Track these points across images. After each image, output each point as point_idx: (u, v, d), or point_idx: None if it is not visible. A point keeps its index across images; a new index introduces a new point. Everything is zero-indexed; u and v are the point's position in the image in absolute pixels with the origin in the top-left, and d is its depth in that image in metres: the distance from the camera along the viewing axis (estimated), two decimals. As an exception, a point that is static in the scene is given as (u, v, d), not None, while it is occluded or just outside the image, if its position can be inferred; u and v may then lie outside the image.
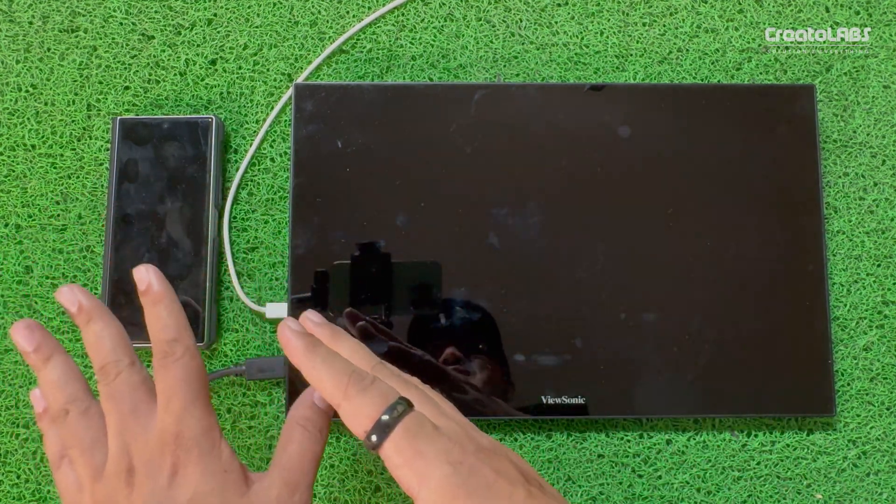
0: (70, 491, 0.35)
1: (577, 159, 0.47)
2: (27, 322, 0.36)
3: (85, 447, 0.35)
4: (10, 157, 0.49)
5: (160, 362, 0.35)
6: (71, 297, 0.36)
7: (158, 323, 0.35)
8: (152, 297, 0.36)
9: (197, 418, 0.34)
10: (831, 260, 0.48)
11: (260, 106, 0.49)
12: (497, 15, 0.51)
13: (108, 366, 0.35)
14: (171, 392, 0.34)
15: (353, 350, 0.36)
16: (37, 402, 0.37)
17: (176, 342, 0.35)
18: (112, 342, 0.35)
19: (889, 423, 0.47)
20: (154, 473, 0.33)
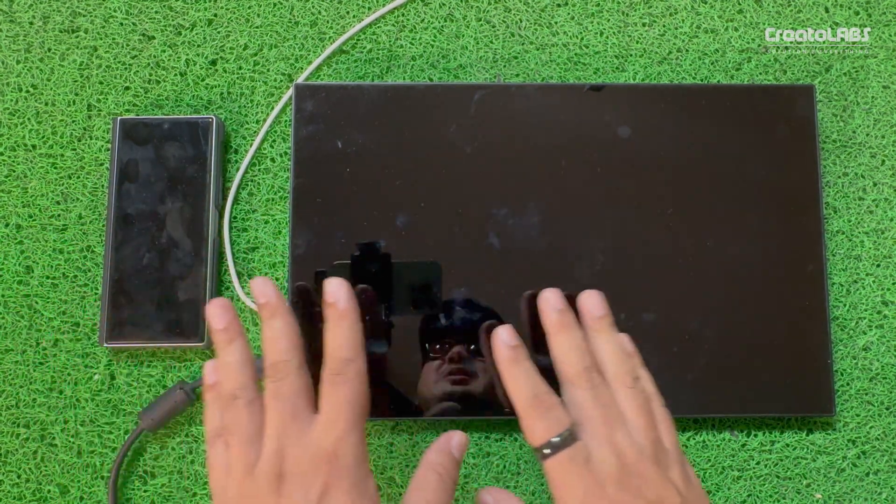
0: (220, 471, 0.36)
1: (577, 159, 0.47)
2: (223, 302, 0.37)
3: (243, 438, 0.35)
4: (10, 157, 0.49)
5: (331, 378, 0.36)
6: (263, 290, 0.37)
7: (338, 340, 0.36)
8: (339, 313, 0.37)
9: (354, 445, 0.35)
10: (831, 260, 0.48)
11: (260, 106, 0.49)
12: (497, 15, 0.51)
13: (279, 364, 0.36)
14: (336, 412, 0.35)
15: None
16: (208, 374, 0.38)
17: (351, 363, 0.36)
18: (288, 341, 0.36)
19: (888, 423, 0.47)
20: (305, 488, 0.34)
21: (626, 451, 0.35)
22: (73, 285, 0.47)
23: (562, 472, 0.35)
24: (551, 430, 0.35)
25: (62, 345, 0.47)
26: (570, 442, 0.35)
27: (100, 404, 0.46)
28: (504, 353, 0.37)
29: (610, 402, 0.37)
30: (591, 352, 0.38)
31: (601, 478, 0.34)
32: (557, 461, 0.35)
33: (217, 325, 0.37)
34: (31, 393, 0.47)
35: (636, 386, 0.37)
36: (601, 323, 0.39)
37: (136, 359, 0.47)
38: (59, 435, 0.46)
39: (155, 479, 0.46)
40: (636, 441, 0.36)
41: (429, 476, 0.36)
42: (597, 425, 0.36)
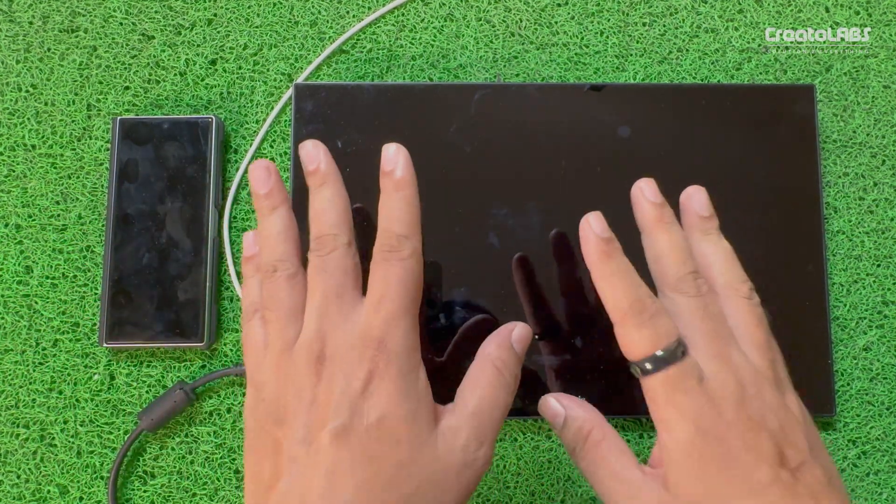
0: (256, 347, 0.33)
1: (577, 159, 0.47)
2: (266, 164, 0.34)
3: (282, 314, 0.32)
4: (10, 157, 0.49)
5: (382, 255, 0.32)
6: (314, 155, 0.34)
7: (393, 213, 0.32)
8: (395, 183, 0.33)
9: (404, 331, 0.31)
10: (831, 260, 0.48)
11: (260, 106, 0.49)
12: (497, 15, 0.51)
13: (326, 237, 0.32)
14: (386, 291, 0.31)
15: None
16: (248, 246, 0.35)
17: (406, 239, 0.32)
18: (337, 215, 0.33)
19: (889, 423, 0.47)
20: (347, 374, 0.30)
21: (744, 371, 0.30)
22: (73, 285, 0.47)
23: (670, 391, 0.30)
24: (659, 341, 0.30)
25: (62, 345, 0.47)
26: (680, 357, 0.30)
27: (99, 404, 0.46)
28: (596, 248, 0.32)
29: (720, 313, 0.32)
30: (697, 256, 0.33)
31: (717, 400, 0.29)
32: (665, 378, 0.30)
33: (259, 189, 0.34)
34: (30, 393, 0.46)
35: (753, 297, 0.32)
36: (709, 224, 0.34)
37: (135, 359, 0.47)
38: (58, 435, 0.46)
39: (155, 480, 0.46)
40: (753, 360, 0.31)
41: (486, 368, 0.32)
42: (708, 339, 0.31)
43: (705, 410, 0.29)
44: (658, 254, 0.33)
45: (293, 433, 0.30)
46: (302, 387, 0.30)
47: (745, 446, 0.29)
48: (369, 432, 0.29)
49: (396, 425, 0.30)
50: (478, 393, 0.32)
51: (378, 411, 0.30)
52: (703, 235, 0.34)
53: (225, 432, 0.46)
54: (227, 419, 0.46)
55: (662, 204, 0.33)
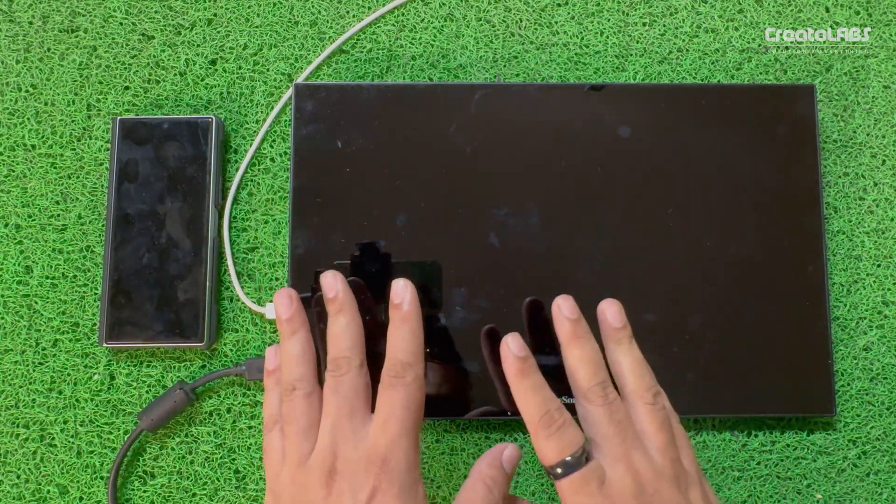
0: (275, 458, 0.36)
1: (577, 159, 0.47)
2: (289, 292, 0.39)
3: (299, 429, 0.36)
4: (9, 157, 0.49)
5: (389, 381, 0.36)
6: (333, 285, 0.38)
7: (400, 343, 0.37)
8: (402, 315, 0.37)
9: (405, 450, 0.35)
10: (831, 260, 0.48)
11: (260, 106, 0.49)
12: (497, 15, 0.51)
13: (341, 360, 0.36)
14: (391, 414, 0.35)
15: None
16: (270, 360, 0.39)
17: (410, 367, 0.36)
18: (351, 339, 0.37)
19: (889, 423, 0.47)
20: (354, 488, 0.34)
21: (643, 471, 0.34)
22: (73, 285, 0.47)
23: (574, 493, 0.34)
24: (564, 449, 0.34)
25: (62, 345, 0.47)
26: (584, 462, 0.34)
27: (99, 404, 0.46)
28: (513, 366, 0.36)
29: (626, 419, 0.35)
30: (608, 364, 0.37)
31: (616, 500, 0.33)
32: (570, 482, 0.34)
33: (283, 315, 0.38)
34: (30, 393, 0.46)
35: (656, 402, 0.36)
36: (620, 334, 0.38)
37: (135, 359, 0.47)
38: (58, 435, 0.46)
39: (154, 480, 0.46)
40: (654, 460, 0.35)
41: (477, 487, 0.36)
42: (612, 444, 0.34)
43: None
44: (572, 367, 0.37)
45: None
46: (314, 498, 0.34)
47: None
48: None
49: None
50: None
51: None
52: (616, 345, 0.38)
53: (225, 432, 0.46)
54: (227, 419, 0.46)
55: (577, 320, 0.37)
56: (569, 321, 0.37)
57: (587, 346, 0.37)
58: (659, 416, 0.36)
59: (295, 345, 0.38)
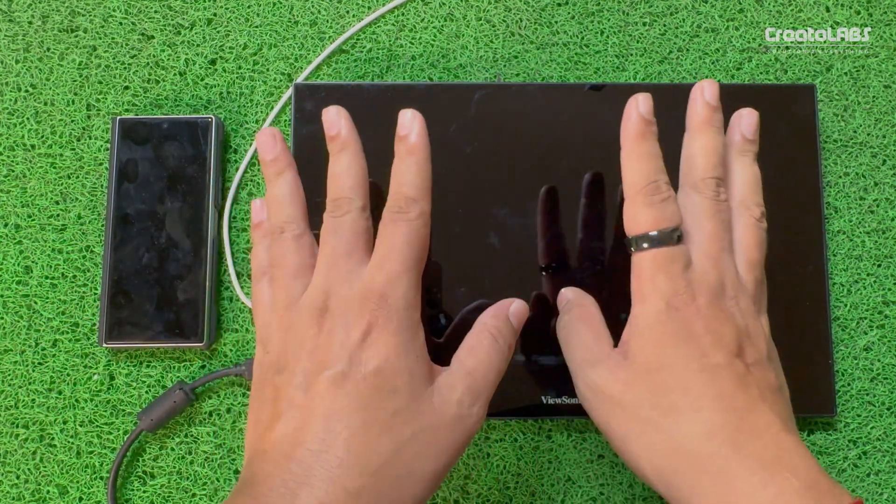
0: (263, 307, 0.34)
1: (577, 159, 0.47)
2: (272, 131, 0.36)
3: (288, 271, 0.34)
4: (9, 157, 0.49)
5: (390, 216, 0.33)
6: (335, 121, 0.35)
7: (404, 176, 0.34)
8: (408, 147, 0.34)
9: (406, 288, 0.32)
10: (831, 260, 0.48)
11: (260, 106, 0.49)
12: (497, 15, 0.51)
13: (341, 200, 0.34)
14: (391, 250, 0.32)
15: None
16: (256, 213, 0.37)
17: (414, 202, 0.33)
18: (353, 180, 0.34)
19: (889, 423, 0.47)
20: (347, 326, 0.31)
21: (729, 275, 0.32)
22: (73, 285, 0.47)
23: (654, 269, 0.32)
24: (660, 221, 0.32)
25: (61, 345, 0.47)
26: (675, 241, 0.32)
27: (99, 405, 0.46)
28: (636, 126, 0.34)
29: (728, 221, 0.33)
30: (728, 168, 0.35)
31: (695, 286, 0.31)
32: (653, 256, 0.32)
33: (266, 156, 0.35)
34: (30, 393, 0.46)
35: (762, 221, 0.34)
36: (750, 146, 0.35)
37: (135, 359, 0.47)
38: (58, 435, 0.46)
39: (154, 480, 0.46)
40: (741, 272, 0.33)
41: (482, 337, 0.34)
42: (708, 238, 0.33)
43: (681, 292, 0.31)
44: (693, 152, 0.34)
45: (292, 379, 0.31)
46: (303, 337, 0.32)
47: (707, 331, 0.31)
48: (366, 380, 0.30)
49: (393, 375, 0.31)
50: (474, 355, 0.34)
51: (376, 361, 0.31)
52: (740, 155, 0.35)
53: (225, 432, 0.46)
54: (227, 419, 0.46)
55: (717, 109, 0.35)
56: (708, 107, 0.35)
57: (717, 139, 0.34)
58: (760, 234, 0.34)
59: (282, 186, 0.35)
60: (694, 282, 0.32)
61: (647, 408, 0.31)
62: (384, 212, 0.34)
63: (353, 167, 0.35)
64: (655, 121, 0.34)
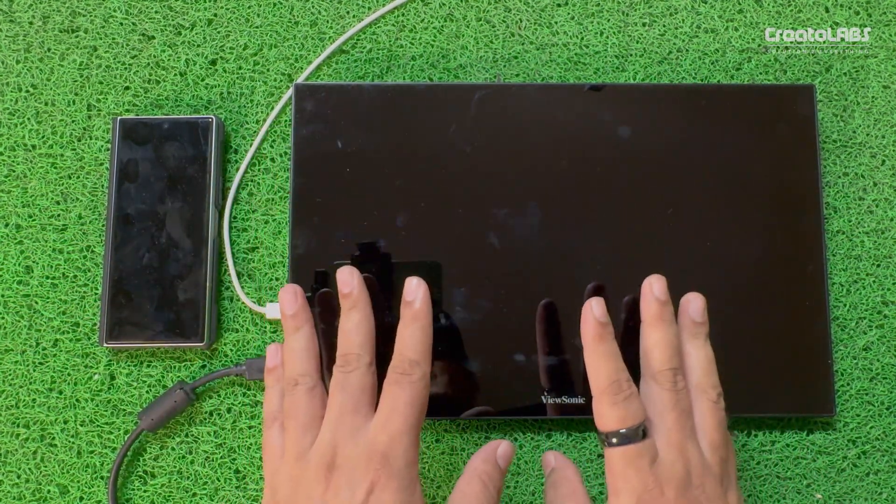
0: (274, 453, 0.36)
1: (577, 159, 0.47)
2: (294, 288, 0.39)
3: (300, 423, 0.36)
4: (10, 157, 0.49)
5: (395, 377, 0.36)
6: (349, 280, 0.38)
7: (409, 340, 0.37)
8: (413, 314, 0.37)
9: (406, 447, 0.35)
10: (831, 260, 0.48)
11: (260, 106, 0.49)
12: (497, 15, 0.51)
13: (350, 356, 0.36)
14: (394, 410, 0.35)
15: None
16: (271, 357, 0.39)
17: (417, 364, 0.36)
18: (362, 337, 0.37)
19: (889, 423, 0.47)
20: (352, 484, 0.34)
21: (694, 463, 0.35)
22: (73, 285, 0.47)
23: (624, 465, 0.34)
24: (626, 420, 0.35)
25: (62, 345, 0.47)
26: (640, 437, 0.35)
27: (100, 404, 0.46)
28: (593, 329, 0.36)
29: (688, 409, 0.36)
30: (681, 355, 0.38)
31: (663, 480, 0.34)
32: (623, 453, 0.34)
33: (287, 311, 0.38)
34: (30, 393, 0.47)
35: (719, 402, 0.37)
36: (699, 329, 0.38)
37: (135, 359, 0.47)
38: (58, 435, 0.46)
39: (155, 479, 0.46)
40: (705, 455, 0.35)
41: (473, 483, 0.36)
42: (671, 429, 0.35)
43: (650, 488, 0.34)
44: (650, 345, 0.37)
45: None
46: (311, 493, 0.34)
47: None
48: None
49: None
50: (466, 501, 0.36)
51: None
52: (692, 338, 0.38)
53: (225, 432, 0.46)
54: (227, 419, 0.46)
55: (666, 303, 0.38)
56: (658, 302, 0.37)
57: (669, 331, 0.37)
58: (719, 416, 0.36)
59: (299, 340, 0.38)
60: (662, 476, 0.34)
61: None
62: (389, 371, 0.36)
63: (363, 325, 0.37)
64: (609, 322, 0.37)
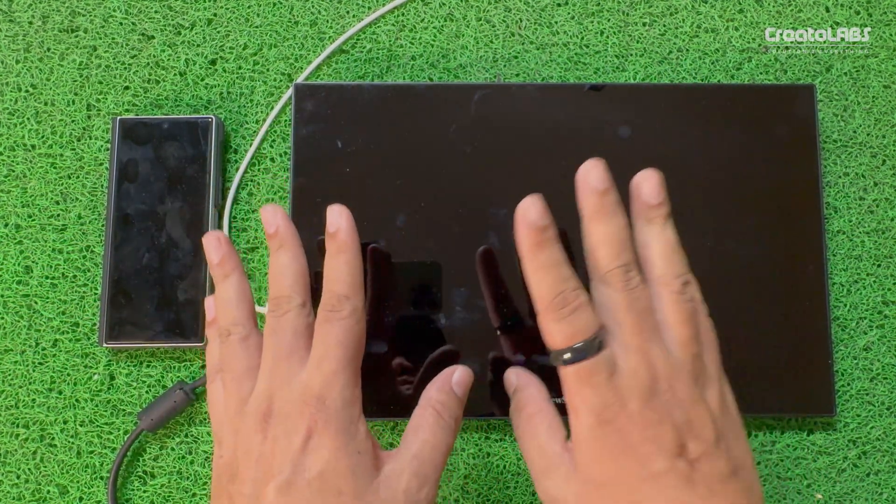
0: (216, 408, 0.35)
1: (577, 159, 0.46)
2: (217, 234, 0.37)
3: (236, 374, 0.34)
4: (9, 157, 0.49)
5: (324, 315, 0.34)
6: (272, 219, 0.35)
7: (334, 273, 0.34)
8: (338, 245, 0.34)
9: (342, 386, 0.32)
10: (831, 260, 0.48)
11: (260, 106, 0.49)
12: (497, 15, 0.51)
13: (281, 299, 0.34)
14: (326, 350, 0.33)
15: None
16: (209, 310, 0.38)
17: (347, 300, 0.34)
18: (293, 278, 0.35)
19: (889, 423, 0.47)
20: (289, 432, 0.32)
21: (660, 365, 0.31)
22: (73, 285, 0.47)
23: (579, 383, 0.31)
24: (575, 335, 0.31)
25: (61, 345, 0.47)
26: (595, 351, 0.31)
27: (99, 404, 0.46)
28: (528, 237, 0.32)
29: (647, 307, 0.32)
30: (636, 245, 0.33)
31: (624, 392, 0.30)
32: (577, 370, 0.31)
33: (213, 259, 0.36)
34: (30, 393, 0.46)
35: (684, 292, 0.32)
36: (654, 212, 0.33)
37: (135, 359, 0.47)
38: (58, 435, 0.46)
39: (155, 480, 0.46)
40: (673, 354, 0.31)
41: (426, 413, 0.34)
42: (628, 333, 0.31)
43: (609, 403, 0.30)
44: (593, 245, 0.33)
45: (243, 488, 0.32)
46: (250, 445, 0.33)
47: (643, 438, 0.30)
48: (311, 485, 0.31)
49: (337, 478, 0.31)
50: (419, 436, 0.34)
51: (318, 466, 0.31)
52: (647, 224, 0.33)
53: (225, 432, 0.46)
54: (227, 419, 0.46)
55: (605, 192, 0.32)
56: (596, 193, 0.32)
57: (613, 223, 0.32)
58: (685, 308, 0.32)
59: (227, 288, 0.36)
60: (622, 388, 0.31)
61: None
62: (318, 310, 0.34)
63: (292, 265, 0.35)
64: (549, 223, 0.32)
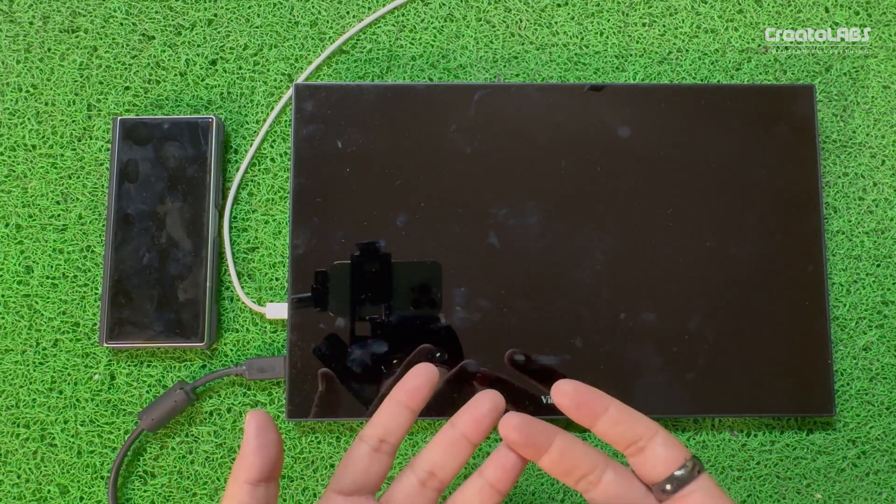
0: None
1: (577, 159, 0.47)
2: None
3: None
4: (10, 157, 0.49)
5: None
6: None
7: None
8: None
9: None
10: (831, 260, 0.48)
11: (260, 106, 0.49)
12: (497, 15, 0.51)
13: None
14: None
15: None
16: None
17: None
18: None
19: (888, 423, 0.47)
20: None
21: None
22: (73, 285, 0.47)
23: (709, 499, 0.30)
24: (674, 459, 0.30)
25: (62, 345, 0.47)
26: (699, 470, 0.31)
27: (100, 404, 0.46)
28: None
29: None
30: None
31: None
32: (699, 487, 0.30)
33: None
34: (31, 393, 0.47)
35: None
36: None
37: (135, 359, 0.47)
38: (59, 435, 0.46)
39: (155, 479, 0.46)
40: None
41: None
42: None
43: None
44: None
45: None
46: None
47: None
48: None
49: None
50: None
51: None
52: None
53: (225, 432, 0.46)
54: (227, 419, 0.46)
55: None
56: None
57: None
58: None
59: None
60: None
61: None
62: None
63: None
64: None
